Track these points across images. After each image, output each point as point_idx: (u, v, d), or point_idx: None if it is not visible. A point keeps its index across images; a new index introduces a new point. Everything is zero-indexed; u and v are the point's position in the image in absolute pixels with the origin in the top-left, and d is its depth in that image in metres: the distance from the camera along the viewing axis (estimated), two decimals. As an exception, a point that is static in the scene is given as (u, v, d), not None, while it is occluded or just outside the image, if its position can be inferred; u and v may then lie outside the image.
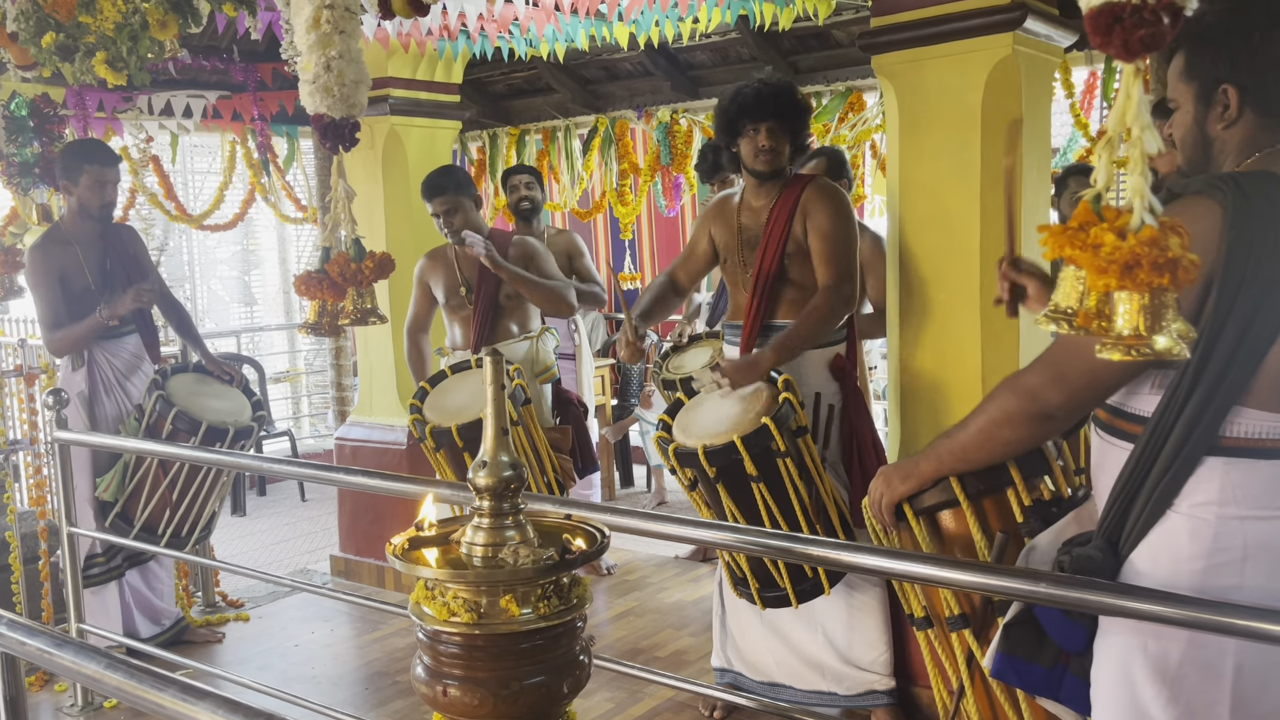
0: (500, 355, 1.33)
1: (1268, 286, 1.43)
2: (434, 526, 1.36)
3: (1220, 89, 1.56)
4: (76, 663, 1.50)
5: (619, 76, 5.91)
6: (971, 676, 1.95)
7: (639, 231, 7.56)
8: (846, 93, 5.05)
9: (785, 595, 2.98)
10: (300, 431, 8.29)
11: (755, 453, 2.79)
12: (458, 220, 3.88)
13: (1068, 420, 1.67)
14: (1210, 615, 1.44)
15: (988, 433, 1.75)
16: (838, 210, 3.14)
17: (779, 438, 2.79)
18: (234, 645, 4.24)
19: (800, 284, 3.19)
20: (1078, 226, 1.06)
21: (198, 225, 5.96)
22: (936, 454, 1.88)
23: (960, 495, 1.91)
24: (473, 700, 1.21)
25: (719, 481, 2.86)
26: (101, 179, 3.86)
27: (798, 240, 3.15)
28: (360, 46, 2.37)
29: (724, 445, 2.80)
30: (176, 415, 3.78)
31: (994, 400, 1.74)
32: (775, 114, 3.09)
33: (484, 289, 3.98)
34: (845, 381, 3.22)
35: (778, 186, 3.20)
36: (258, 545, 6.01)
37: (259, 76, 5.38)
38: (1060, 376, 1.60)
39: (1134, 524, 1.57)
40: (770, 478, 2.84)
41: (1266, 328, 1.44)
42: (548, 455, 3.78)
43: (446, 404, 3.68)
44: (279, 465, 3.66)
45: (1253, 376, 1.47)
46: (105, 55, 2.71)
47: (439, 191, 3.87)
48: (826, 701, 3.25)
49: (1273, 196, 1.45)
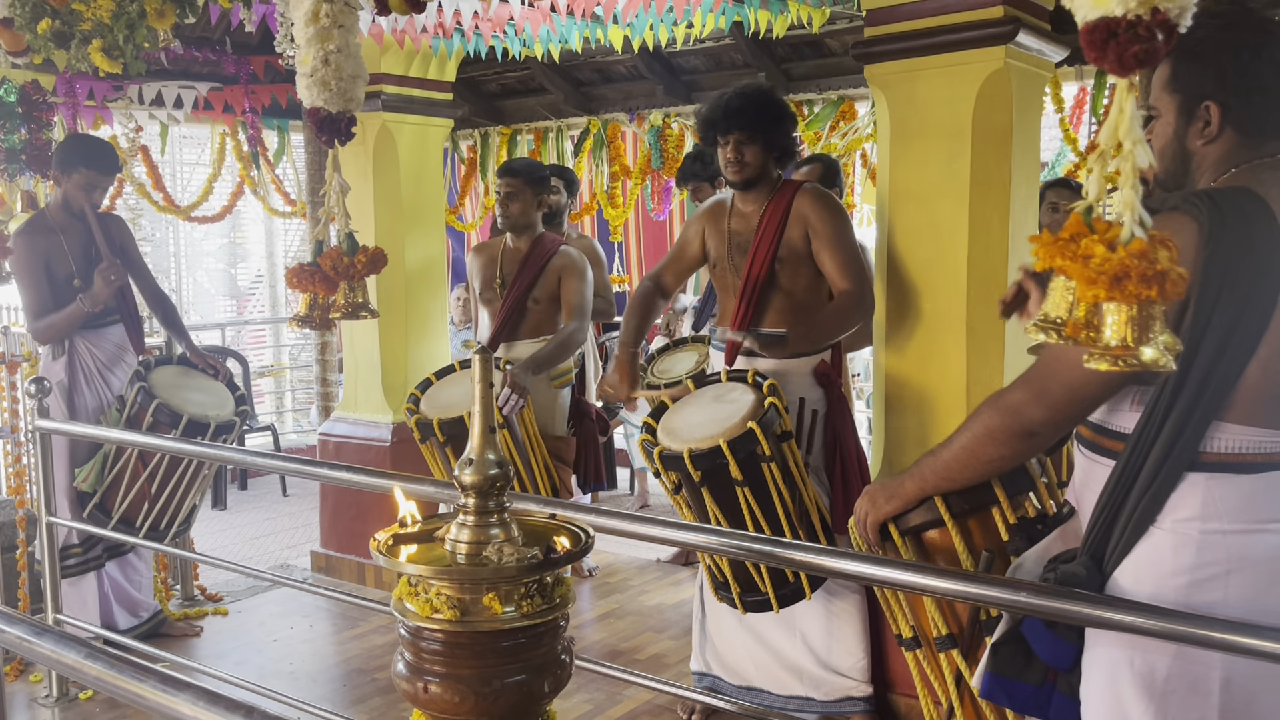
0: (489, 353, 1.33)
1: (1244, 302, 1.44)
2: (418, 522, 1.36)
3: (1203, 105, 1.56)
4: (56, 651, 1.49)
5: (612, 79, 5.92)
6: (961, 697, 1.95)
7: (627, 234, 7.57)
8: (838, 101, 5.07)
9: (767, 599, 2.98)
10: (283, 426, 8.25)
11: (740, 457, 2.79)
12: (514, 207, 4.00)
13: (1051, 437, 1.68)
14: (1190, 629, 1.45)
15: (971, 451, 1.76)
16: (838, 217, 3.16)
17: (764, 442, 2.79)
18: (212, 639, 4.21)
19: (789, 291, 3.19)
20: (1068, 237, 1.07)
21: (185, 216, 5.94)
22: (920, 473, 1.88)
23: (945, 514, 1.91)
24: (454, 697, 1.21)
25: (704, 485, 2.86)
26: (93, 183, 3.81)
27: (791, 246, 3.15)
28: (358, 41, 2.37)
29: (709, 449, 2.79)
30: (158, 408, 3.75)
31: (977, 418, 1.74)
32: (741, 125, 3.09)
33: (516, 287, 4.03)
34: (830, 388, 3.23)
35: (766, 192, 3.20)
36: (238, 539, 5.98)
37: (251, 69, 5.36)
38: (1043, 393, 1.61)
39: (1118, 540, 1.58)
40: (755, 482, 2.84)
41: (1244, 343, 1.45)
42: (541, 462, 3.77)
43: (441, 398, 3.71)
44: (261, 459, 3.64)
45: (1231, 391, 1.47)
46: (101, 43, 2.70)
47: (515, 172, 4.00)
48: (804, 707, 3.26)
49: (1248, 213, 1.46)
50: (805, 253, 3.16)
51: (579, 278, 4.03)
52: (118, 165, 3.95)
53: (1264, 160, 1.55)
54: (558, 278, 4.02)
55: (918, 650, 2.04)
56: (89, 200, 3.84)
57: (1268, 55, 1.53)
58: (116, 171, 3.94)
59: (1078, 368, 1.53)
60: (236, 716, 1.26)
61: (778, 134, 3.15)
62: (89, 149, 3.85)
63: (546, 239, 4.08)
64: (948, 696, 1.97)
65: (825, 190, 3.24)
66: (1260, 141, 1.56)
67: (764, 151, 3.13)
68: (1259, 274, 1.44)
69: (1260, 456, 1.51)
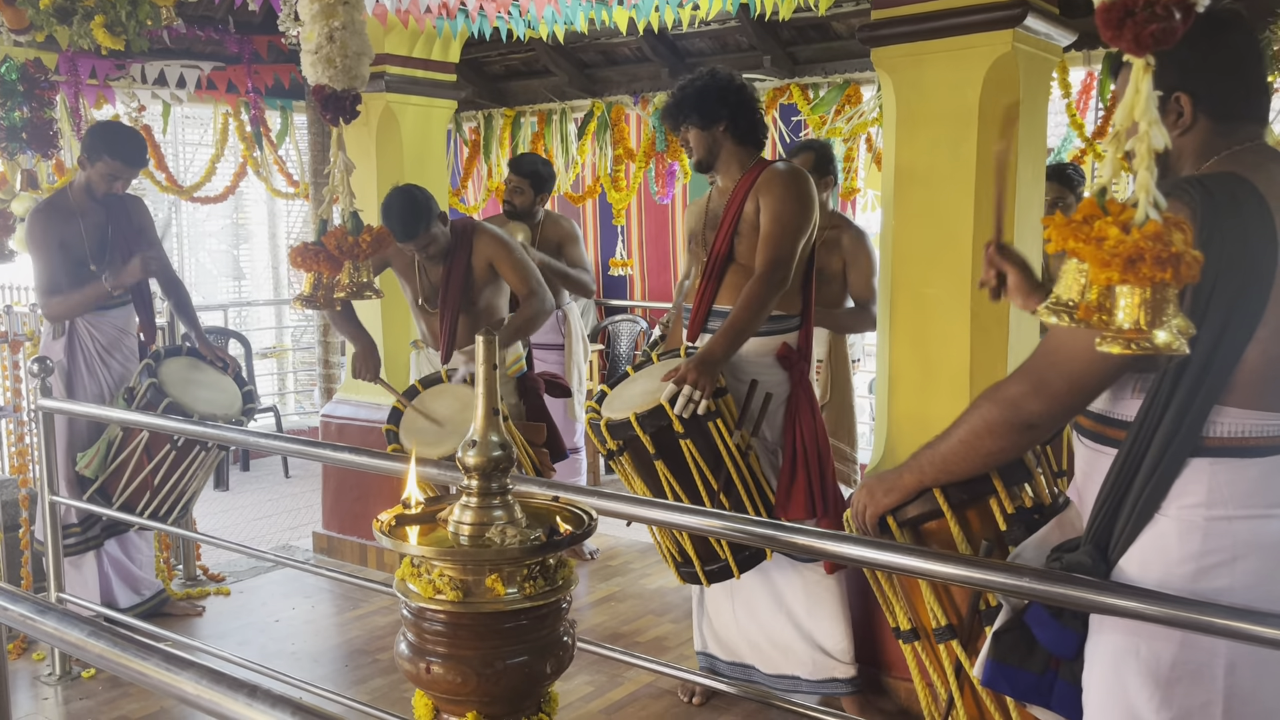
0: (493, 334, 1.32)
1: (1240, 285, 1.44)
2: (420, 505, 1.36)
3: (1174, 96, 1.57)
4: (59, 630, 1.49)
5: (617, 61, 5.89)
6: (960, 688, 1.95)
7: (630, 217, 7.55)
8: (844, 85, 5.04)
9: (727, 566, 3.04)
10: (286, 408, 8.26)
11: (651, 431, 2.94)
12: (434, 249, 3.72)
13: (1050, 428, 1.69)
14: (1197, 615, 1.45)
15: (970, 444, 1.76)
16: (786, 193, 3.09)
17: (674, 419, 2.91)
18: (214, 619, 4.22)
19: (745, 266, 3.18)
20: (1082, 219, 1.06)
21: (188, 197, 5.92)
22: (919, 465, 1.88)
23: (944, 506, 1.91)
24: (456, 678, 1.21)
25: (623, 454, 3.04)
26: (115, 174, 3.78)
27: (748, 220, 3.15)
28: (363, 18, 2.35)
29: (621, 421, 2.98)
30: (168, 406, 3.72)
31: (975, 411, 1.74)
32: (679, 117, 3.19)
33: (449, 296, 3.79)
34: (793, 371, 3.20)
35: (738, 171, 3.22)
36: (240, 520, 5.99)
37: (254, 48, 5.33)
38: (1041, 385, 1.61)
39: (1123, 528, 1.58)
40: (670, 456, 2.97)
41: (1242, 325, 1.46)
42: (525, 452, 3.76)
43: (421, 430, 3.54)
44: (264, 440, 3.64)
45: (1231, 375, 1.48)
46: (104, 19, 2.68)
47: (412, 236, 3.62)
48: (790, 686, 3.28)
49: (1237, 196, 1.47)
50: (758, 226, 3.15)
51: (507, 251, 3.81)
52: (144, 159, 3.90)
53: (1243, 146, 1.56)
54: (487, 264, 3.81)
55: (916, 643, 2.04)
56: (109, 189, 3.82)
57: (1226, 41, 1.55)
58: (142, 165, 3.89)
59: (1077, 358, 1.54)
60: (239, 696, 1.26)
61: (718, 116, 3.15)
62: (115, 139, 3.79)
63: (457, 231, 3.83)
64: (947, 688, 1.97)
65: (794, 169, 3.17)
66: (1234, 127, 1.57)
67: (707, 136, 3.18)
68: (1253, 257, 1.45)
69: (1264, 440, 1.51)
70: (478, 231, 3.84)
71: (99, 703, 3.46)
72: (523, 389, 4.02)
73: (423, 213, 3.62)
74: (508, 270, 3.81)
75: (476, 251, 3.80)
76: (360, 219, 2.50)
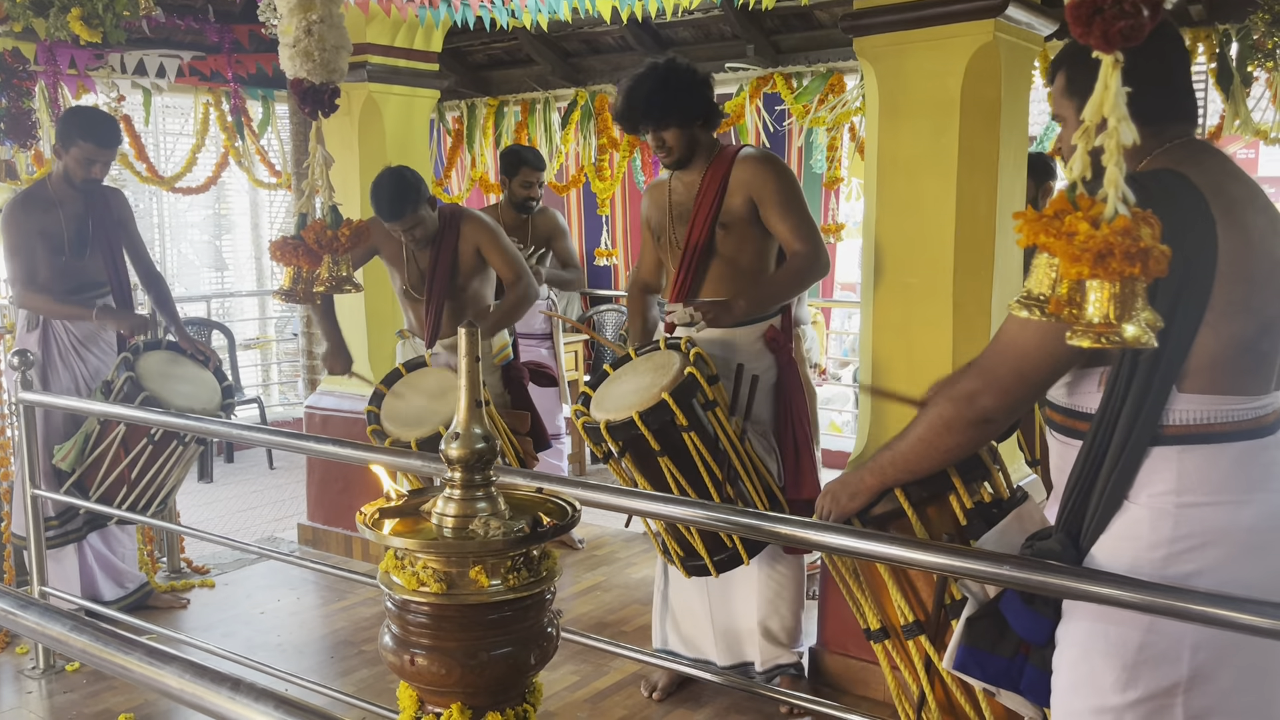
0: (475, 327, 1.32)
1: (1183, 272, 1.48)
2: (404, 497, 1.36)
3: None
4: (42, 624, 1.49)
5: (600, 50, 5.87)
6: (931, 682, 1.99)
7: (614, 207, 7.54)
8: (827, 74, 5.04)
9: (704, 565, 3.04)
10: (270, 399, 8.23)
11: (655, 428, 2.87)
12: (421, 233, 3.72)
13: (1005, 422, 1.73)
14: (1168, 600, 1.47)
15: (928, 441, 1.79)
16: (783, 178, 3.14)
17: (679, 412, 2.86)
18: (198, 611, 4.22)
19: (732, 258, 3.19)
20: (1053, 214, 1.08)
21: (169, 187, 5.87)
22: (880, 467, 1.90)
23: (905, 504, 1.94)
24: (440, 670, 1.22)
25: (625, 455, 2.95)
26: (91, 157, 3.76)
27: (734, 214, 3.15)
28: (341, 11, 2.34)
29: (623, 421, 2.89)
30: (145, 399, 3.70)
31: (932, 408, 1.77)
32: (653, 119, 3.11)
33: (436, 282, 3.80)
34: (780, 354, 3.23)
35: (704, 159, 3.20)
36: (225, 512, 5.98)
37: (235, 37, 5.29)
38: (993, 380, 1.66)
39: (1092, 517, 1.61)
40: (675, 451, 2.91)
41: (1190, 311, 1.50)
42: (508, 441, 3.76)
43: (403, 412, 3.53)
44: (248, 432, 3.62)
45: (1185, 361, 1.52)
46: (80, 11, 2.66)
47: (399, 215, 3.63)
48: (743, 673, 3.30)
49: (1173, 190, 1.52)
50: (749, 219, 3.16)
51: (494, 237, 3.83)
52: (118, 138, 3.88)
53: (1173, 144, 1.62)
54: (475, 250, 3.82)
55: (886, 641, 2.07)
56: (87, 174, 3.79)
57: (1156, 50, 1.57)
58: (117, 144, 3.87)
59: (1027, 354, 1.60)
60: (223, 689, 1.26)
61: (691, 109, 3.12)
62: (87, 121, 3.77)
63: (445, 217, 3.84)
64: (918, 684, 2.00)
65: (767, 153, 3.21)
66: (1162, 128, 1.62)
67: (686, 134, 3.14)
68: (1193, 245, 1.49)
69: (1228, 425, 1.54)
70: (465, 217, 3.85)
71: (83, 696, 3.45)
72: (508, 378, 4.02)
73: (411, 193, 3.64)
74: (495, 256, 3.83)
75: (464, 237, 3.81)
76: (340, 213, 2.49)
